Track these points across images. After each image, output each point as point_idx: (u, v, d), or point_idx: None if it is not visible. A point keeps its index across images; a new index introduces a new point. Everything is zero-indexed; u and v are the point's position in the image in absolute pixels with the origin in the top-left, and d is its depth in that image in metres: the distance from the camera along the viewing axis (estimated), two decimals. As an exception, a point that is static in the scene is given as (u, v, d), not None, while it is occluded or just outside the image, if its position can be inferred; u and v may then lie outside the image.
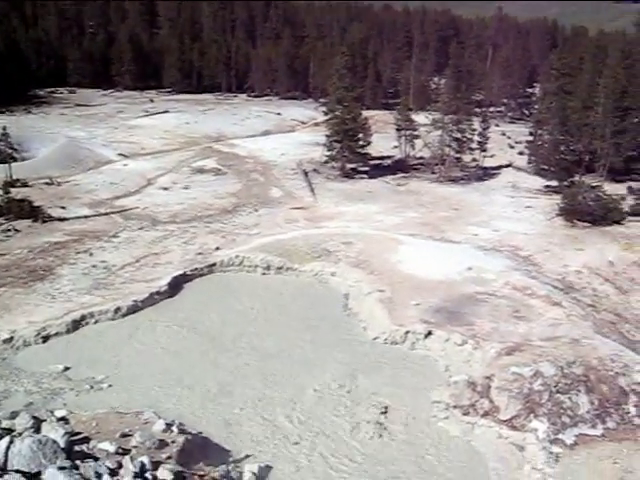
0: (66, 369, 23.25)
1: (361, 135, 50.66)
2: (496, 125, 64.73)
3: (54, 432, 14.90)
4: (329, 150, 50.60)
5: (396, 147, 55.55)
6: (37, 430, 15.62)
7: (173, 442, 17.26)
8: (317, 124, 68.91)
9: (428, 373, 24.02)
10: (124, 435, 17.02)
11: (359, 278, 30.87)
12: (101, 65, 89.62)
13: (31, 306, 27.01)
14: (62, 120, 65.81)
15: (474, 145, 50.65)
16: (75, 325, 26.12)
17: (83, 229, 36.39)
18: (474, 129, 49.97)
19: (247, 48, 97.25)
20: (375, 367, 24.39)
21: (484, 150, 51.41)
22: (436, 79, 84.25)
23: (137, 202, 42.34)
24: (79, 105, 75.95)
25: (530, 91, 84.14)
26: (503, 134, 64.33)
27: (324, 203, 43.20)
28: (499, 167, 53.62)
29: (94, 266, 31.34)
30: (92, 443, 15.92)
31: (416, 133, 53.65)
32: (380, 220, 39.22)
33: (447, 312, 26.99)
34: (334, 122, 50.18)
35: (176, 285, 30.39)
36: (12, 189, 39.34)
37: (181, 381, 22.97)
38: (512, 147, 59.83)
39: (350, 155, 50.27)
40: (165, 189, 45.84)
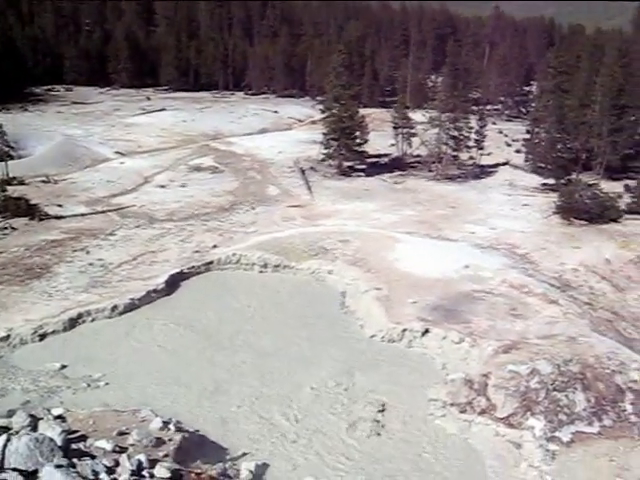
0: (63, 367, 23.19)
1: (358, 133, 50.68)
2: (493, 123, 64.92)
3: (51, 430, 14.89)
4: (326, 148, 50.57)
5: (393, 145, 55.56)
6: (34, 428, 15.60)
7: (170, 440, 17.26)
8: (314, 122, 68.86)
9: (425, 371, 24.03)
10: (121, 433, 17.01)
11: (356, 276, 30.87)
12: (98, 63, 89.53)
13: (28, 304, 26.96)
14: (59, 118, 65.73)
15: (471, 143, 50.72)
16: (72, 323, 26.07)
17: (80, 227, 36.33)
18: (471, 127, 50.05)
19: (244, 46, 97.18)
20: (372, 365, 24.40)
21: (481, 148, 51.44)
22: (433, 77, 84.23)
23: (134, 200, 42.30)
24: (76, 103, 75.87)
25: (527, 89, 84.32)
26: (500, 132, 64.46)
27: (321, 201, 43.19)
28: (496, 165, 53.67)
29: (91, 264, 31.29)
30: (89, 441, 15.91)
31: (413, 131, 53.68)
32: (377, 218, 39.23)
33: (444, 310, 27.01)
34: (331, 120, 50.18)
35: (173, 283, 30.35)
36: (9, 187, 39.29)
37: (178, 379, 22.94)
38: (509, 145, 59.90)
39: (347, 153, 50.27)
40: (162, 187, 45.79)
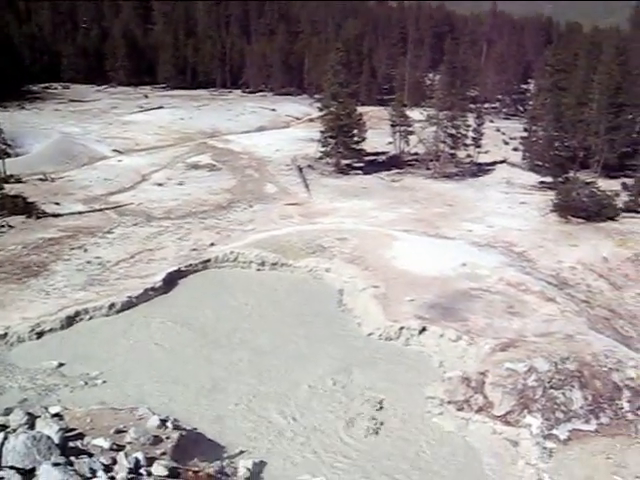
0: (60, 365, 23.19)
1: (356, 131, 50.61)
2: (491, 121, 64.89)
3: (48, 428, 14.87)
4: (324, 146, 50.51)
5: (391, 143, 55.55)
6: (31, 426, 15.58)
7: (168, 438, 17.25)
8: (312, 120, 68.87)
9: (422, 369, 24.05)
10: (118, 431, 17.00)
11: (353, 274, 30.88)
12: (95, 61, 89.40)
13: (25, 302, 26.94)
14: (56, 116, 65.60)
15: (469, 141, 50.73)
16: (69, 321, 26.05)
17: (77, 225, 36.29)
18: (469, 125, 50.02)
19: (242, 44, 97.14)
20: (369, 363, 24.42)
21: (479, 146, 51.47)
22: (431, 75, 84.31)
23: (131, 198, 42.26)
24: (73, 101, 75.71)
25: (525, 87, 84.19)
26: (497, 130, 64.44)
27: (319, 199, 43.18)
28: (493, 163, 53.67)
29: (88, 262, 31.27)
30: (86, 439, 15.89)
31: (411, 129, 53.62)
32: (375, 216, 39.23)
33: (441, 308, 27.03)
34: (329, 118, 50.11)
35: (170, 281, 30.34)
36: (6, 185, 39.15)
37: (175, 377, 22.94)
38: (506, 143, 59.90)
39: (345, 151, 50.23)
40: (159, 185, 45.75)
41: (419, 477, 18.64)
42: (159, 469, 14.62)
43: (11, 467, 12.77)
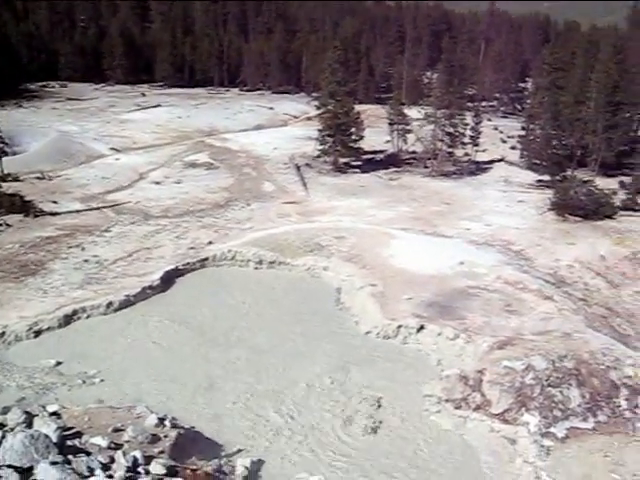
0: (58, 364, 23.21)
1: (353, 129, 50.60)
2: (488, 120, 64.79)
3: (46, 427, 14.87)
4: (321, 144, 50.51)
5: (388, 142, 55.55)
6: (29, 425, 15.59)
7: (165, 436, 17.27)
8: (309, 118, 68.83)
9: (420, 367, 24.07)
10: (116, 430, 17.01)
11: (351, 272, 30.89)
12: (93, 59, 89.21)
13: (23, 301, 26.92)
14: (53, 114, 65.50)
15: (466, 140, 50.71)
16: (67, 320, 26.06)
17: (75, 224, 36.25)
18: (466, 123, 50.02)
19: (239, 42, 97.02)
20: (367, 361, 24.43)
21: (476, 145, 51.47)
22: (429, 73, 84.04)
23: (129, 196, 42.23)
24: (70, 99, 75.57)
25: (522, 86, 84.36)
26: (495, 129, 64.43)
27: (316, 197, 43.17)
28: (491, 162, 53.72)
29: (86, 261, 31.24)
30: (84, 438, 15.90)
31: (408, 127, 53.63)
32: (372, 214, 39.24)
33: (439, 306, 27.05)
34: (326, 116, 50.11)
35: (168, 280, 30.33)
36: (3, 184, 38.95)
37: (173, 375, 22.94)
38: (504, 142, 59.92)
39: (342, 149, 50.22)
40: (157, 183, 45.72)
41: (417, 475, 18.67)
42: (157, 467, 14.63)
43: (9, 466, 12.78)
